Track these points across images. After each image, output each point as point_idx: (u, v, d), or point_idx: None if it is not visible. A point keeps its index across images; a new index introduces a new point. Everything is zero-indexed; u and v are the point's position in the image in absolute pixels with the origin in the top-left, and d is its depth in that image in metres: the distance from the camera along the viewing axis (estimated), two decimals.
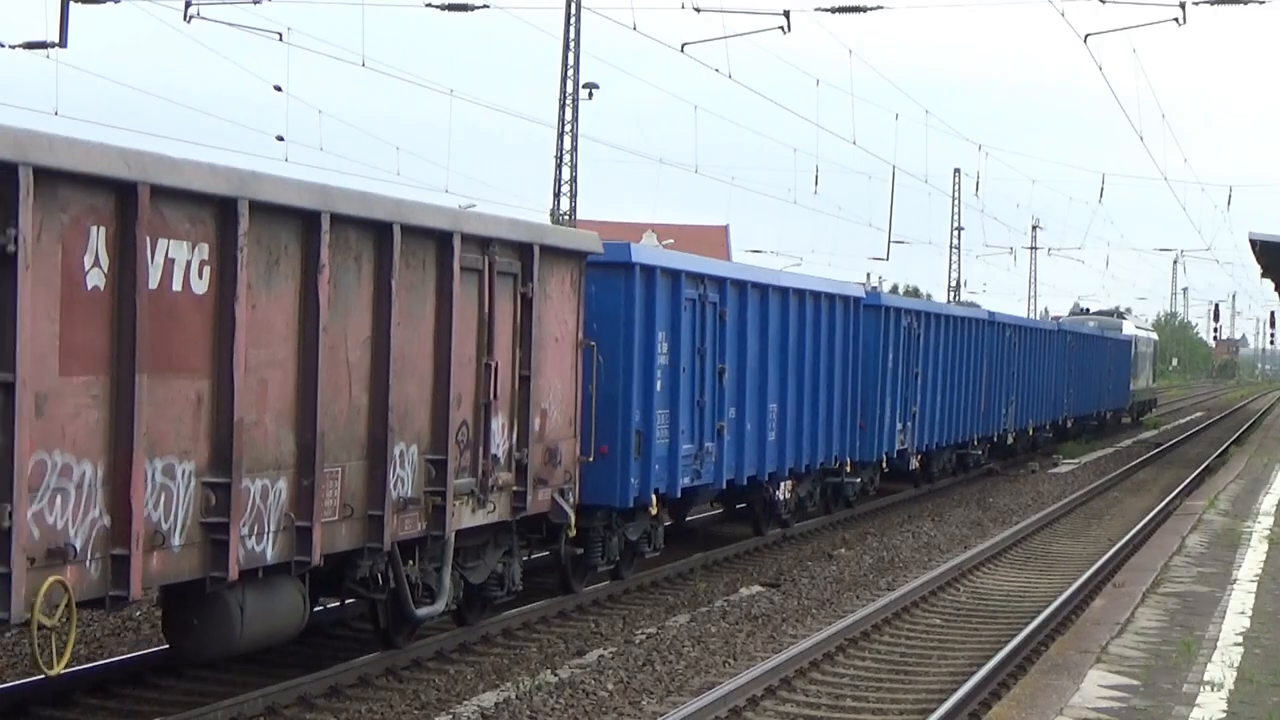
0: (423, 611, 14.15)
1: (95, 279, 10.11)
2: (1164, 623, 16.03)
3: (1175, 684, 12.96)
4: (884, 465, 28.90)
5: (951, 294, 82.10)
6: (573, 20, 39.55)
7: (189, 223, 10.89)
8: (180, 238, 10.80)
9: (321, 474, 12.22)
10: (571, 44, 39.66)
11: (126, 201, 10.27)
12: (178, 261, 10.78)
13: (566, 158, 40.35)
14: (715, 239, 75.40)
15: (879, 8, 27.77)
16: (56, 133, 9.89)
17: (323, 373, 12.20)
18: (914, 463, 30.73)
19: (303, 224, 12.06)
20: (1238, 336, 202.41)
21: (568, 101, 39.99)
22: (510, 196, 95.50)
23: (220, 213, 11.15)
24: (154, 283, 10.53)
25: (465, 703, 13.08)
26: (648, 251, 18.47)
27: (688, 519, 24.21)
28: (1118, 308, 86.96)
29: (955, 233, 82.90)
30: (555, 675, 14.10)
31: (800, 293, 23.53)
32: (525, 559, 16.72)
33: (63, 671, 10.11)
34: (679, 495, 19.33)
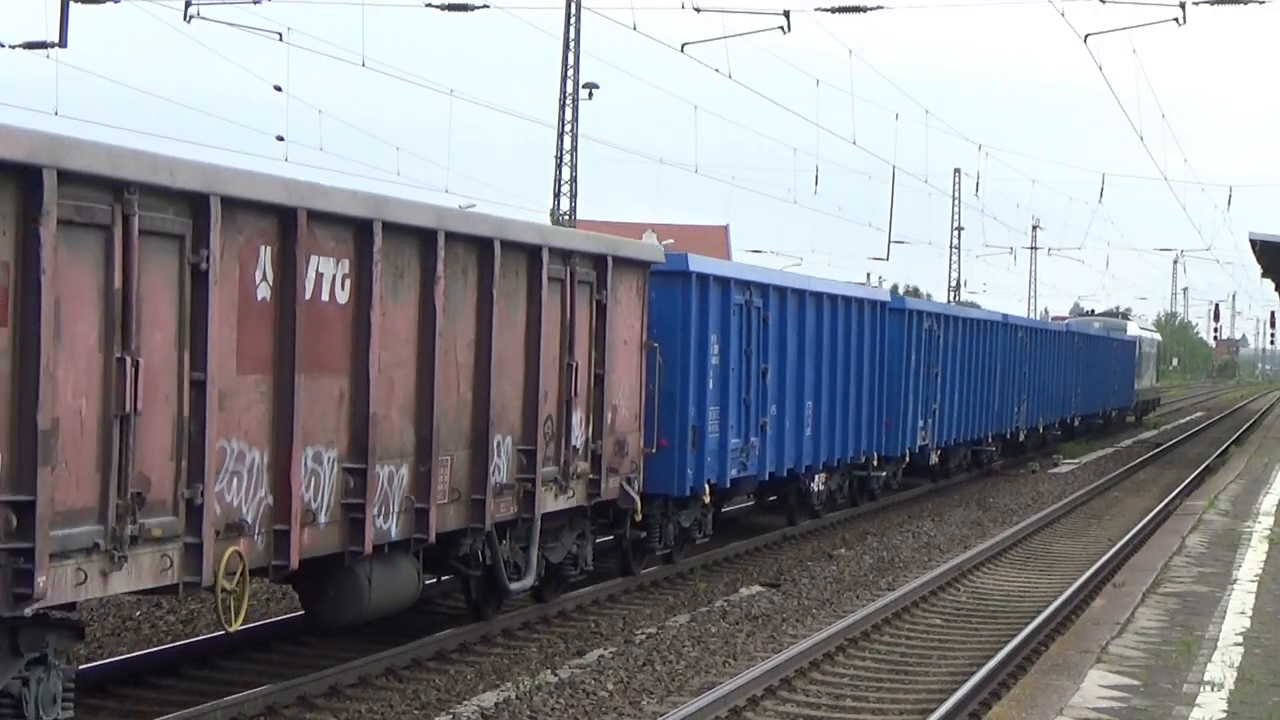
0: (515, 585, 15.78)
1: (263, 291, 11.72)
2: (1164, 623, 16.12)
3: (1175, 684, 13.06)
4: (907, 460, 30.49)
5: (951, 294, 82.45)
6: (573, 20, 39.54)
7: (334, 241, 12.50)
8: (328, 254, 12.41)
9: (436, 462, 13.84)
10: (571, 44, 39.67)
11: (287, 224, 11.89)
12: (325, 275, 12.39)
13: (566, 158, 40.40)
14: (715, 239, 75.29)
15: (879, 8, 27.89)
16: (236, 166, 11.50)
17: (438, 373, 13.82)
18: (934, 458, 32.33)
19: (421, 241, 13.66)
20: (1238, 336, 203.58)
21: (568, 101, 40.06)
22: (510, 196, 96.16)
23: (358, 233, 12.77)
24: (308, 294, 12.14)
25: (465, 703, 13.15)
26: (702, 261, 20.07)
27: (723, 509, 25.78)
28: (1118, 308, 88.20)
29: (955, 233, 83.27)
30: (555, 675, 14.18)
31: (833, 298, 25.15)
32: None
33: (240, 628, 11.71)
34: (729, 485, 20.97)
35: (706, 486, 20.13)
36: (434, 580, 16.46)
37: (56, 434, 9.72)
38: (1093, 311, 73.67)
